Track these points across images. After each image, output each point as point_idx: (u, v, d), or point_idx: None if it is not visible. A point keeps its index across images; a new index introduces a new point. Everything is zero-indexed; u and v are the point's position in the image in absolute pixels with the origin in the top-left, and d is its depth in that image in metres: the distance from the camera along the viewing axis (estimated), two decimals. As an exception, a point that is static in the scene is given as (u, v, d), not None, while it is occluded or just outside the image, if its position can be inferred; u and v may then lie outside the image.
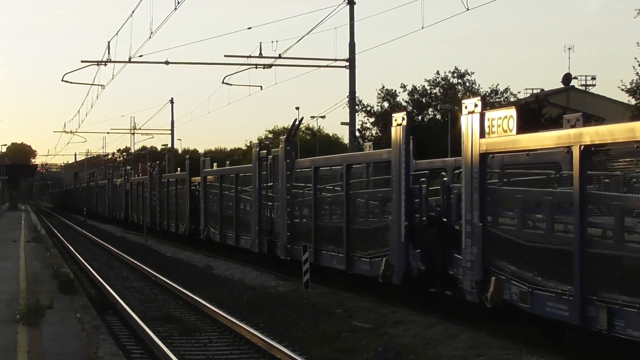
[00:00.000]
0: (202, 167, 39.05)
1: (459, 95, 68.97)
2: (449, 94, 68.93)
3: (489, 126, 15.50)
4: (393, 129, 19.09)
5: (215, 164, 43.29)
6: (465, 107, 16.23)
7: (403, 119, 18.81)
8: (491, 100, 67.55)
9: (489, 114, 15.55)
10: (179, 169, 48.29)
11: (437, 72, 70.35)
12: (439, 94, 70.02)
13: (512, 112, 15.12)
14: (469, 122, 16.06)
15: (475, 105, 16.00)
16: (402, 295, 19.69)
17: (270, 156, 28.54)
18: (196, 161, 41.73)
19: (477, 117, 15.83)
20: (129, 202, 62.03)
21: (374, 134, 70.56)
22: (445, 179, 17.63)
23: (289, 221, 26.15)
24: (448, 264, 17.31)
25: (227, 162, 44.06)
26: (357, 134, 52.25)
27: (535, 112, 59.71)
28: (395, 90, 69.90)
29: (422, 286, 18.38)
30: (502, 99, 68.17)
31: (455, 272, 16.88)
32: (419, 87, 70.58)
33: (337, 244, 22.45)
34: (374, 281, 20.49)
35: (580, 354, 13.94)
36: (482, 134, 15.66)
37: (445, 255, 17.48)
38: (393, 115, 19.32)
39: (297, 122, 28.42)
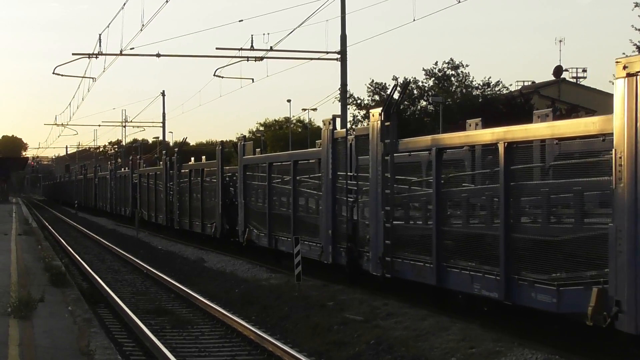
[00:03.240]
0: (240, 153, 31.84)
1: (451, 88, 68.93)
2: (443, 85, 68.80)
3: None
4: (618, 83, 12.41)
5: (204, 157, 41.09)
6: None
7: None
8: (484, 94, 67.49)
9: None
10: (192, 159, 42.84)
11: (436, 63, 70.24)
12: (432, 84, 69.91)
13: None
14: None
15: None
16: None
17: (352, 136, 21.90)
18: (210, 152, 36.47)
19: None
20: (137, 196, 54.86)
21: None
22: None
23: (388, 224, 19.38)
24: None
25: (258, 150, 37.13)
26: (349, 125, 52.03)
27: (523, 105, 60.03)
28: (386, 84, 69.73)
29: None
30: (493, 92, 68.09)
31: None
32: (410, 78, 70.50)
33: (484, 261, 15.81)
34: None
35: (574, 348, 13.97)
36: None
37: None
38: (618, 61, 12.45)
39: (403, 86, 20.75)
